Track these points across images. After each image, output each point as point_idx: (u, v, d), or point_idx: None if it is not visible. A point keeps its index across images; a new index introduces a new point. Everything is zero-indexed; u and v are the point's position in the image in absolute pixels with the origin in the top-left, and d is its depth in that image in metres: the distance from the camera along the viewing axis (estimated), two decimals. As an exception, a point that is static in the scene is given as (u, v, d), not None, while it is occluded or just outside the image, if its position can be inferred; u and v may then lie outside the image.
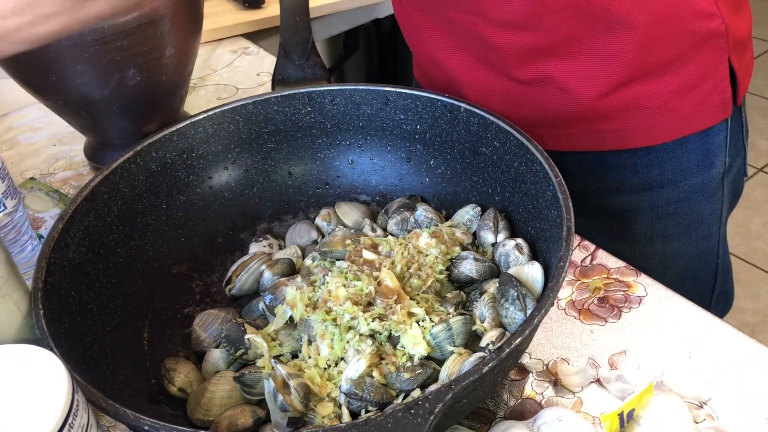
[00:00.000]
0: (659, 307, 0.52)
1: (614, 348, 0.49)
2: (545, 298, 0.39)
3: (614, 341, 0.50)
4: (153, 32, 0.61)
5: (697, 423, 0.43)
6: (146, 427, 0.36)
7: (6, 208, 0.50)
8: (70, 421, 0.34)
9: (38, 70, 0.61)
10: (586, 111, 0.62)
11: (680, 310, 0.51)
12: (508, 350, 0.37)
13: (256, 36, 0.95)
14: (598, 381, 0.47)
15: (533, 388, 0.47)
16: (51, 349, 0.40)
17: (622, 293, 0.53)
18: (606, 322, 0.51)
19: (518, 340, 0.37)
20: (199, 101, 0.81)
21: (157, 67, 0.64)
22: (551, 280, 0.40)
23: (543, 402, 0.46)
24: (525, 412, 0.46)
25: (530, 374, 0.48)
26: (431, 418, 0.34)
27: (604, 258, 0.57)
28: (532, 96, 0.63)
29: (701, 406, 0.45)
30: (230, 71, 0.87)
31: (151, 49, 0.62)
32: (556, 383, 0.47)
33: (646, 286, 0.54)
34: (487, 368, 0.36)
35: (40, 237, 0.60)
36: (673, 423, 0.41)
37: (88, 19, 0.46)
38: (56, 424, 0.33)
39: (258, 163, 0.61)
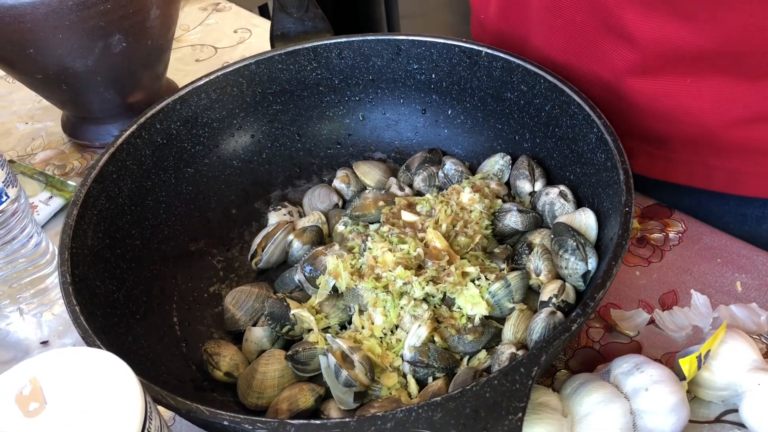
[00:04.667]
0: (700, 242, 0.51)
1: (662, 288, 0.49)
2: (618, 246, 0.38)
3: (661, 281, 0.49)
4: (136, -8, 0.56)
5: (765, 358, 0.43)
6: (225, 422, 0.33)
7: (9, 197, 0.46)
8: (147, 425, 0.31)
9: (13, 41, 0.55)
10: (701, 137, 0.51)
11: (722, 242, 0.51)
12: (593, 305, 0.35)
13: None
14: (653, 322, 0.47)
15: (589, 335, 0.47)
16: (98, 348, 0.37)
17: (661, 232, 0.53)
18: (649, 263, 0.51)
19: (601, 293, 0.36)
20: (176, 64, 0.76)
21: (142, 31, 0.59)
22: (619, 227, 0.39)
23: (600, 349, 0.46)
24: (585, 361, 0.45)
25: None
26: (529, 382, 0.33)
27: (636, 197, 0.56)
28: (644, 102, 0.51)
29: (762, 340, 0.45)
30: (204, 30, 0.82)
31: (136, 11, 0.57)
32: (611, 329, 0.47)
33: (683, 222, 0.53)
34: (576, 325, 0.35)
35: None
36: (742, 358, 0.40)
37: None
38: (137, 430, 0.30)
39: (265, 126, 0.58)
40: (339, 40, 0.56)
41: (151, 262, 0.50)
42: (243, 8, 0.84)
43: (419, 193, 0.54)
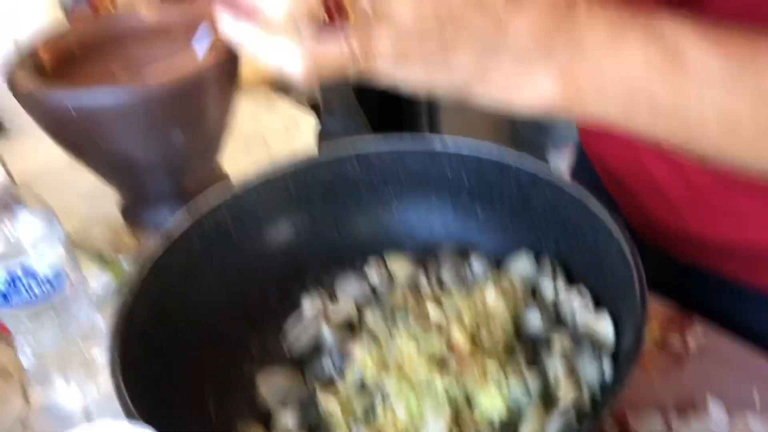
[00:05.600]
0: (720, 351, 0.53)
1: (680, 394, 0.50)
2: (632, 359, 0.40)
3: (679, 387, 0.51)
4: (198, 94, 0.62)
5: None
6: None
7: (68, 278, 0.50)
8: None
9: (86, 134, 0.61)
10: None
11: (742, 352, 0.52)
12: (606, 410, 0.38)
13: (280, 87, 0.96)
14: (669, 430, 0.48)
15: (605, 439, 0.48)
16: (138, 421, 0.40)
17: (681, 338, 0.54)
18: (668, 368, 0.52)
19: (614, 400, 0.38)
20: (229, 154, 0.81)
21: (199, 127, 0.65)
22: (632, 339, 0.41)
23: (616, 453, 0.47)
24: (600, 464, 0.47)
25: (600, 425, 0.49)
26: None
27: (655, 302, 0.58)
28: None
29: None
30: (256, 122, 0.88)
31: (196, 110, 0.63)
32: (627, 433, 0.48)
33: (704, 328, 0.55)
34: (589, 429, 0.37)
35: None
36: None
37: None
38: None
39: (306, 219, 0.62)
40: (378, 144, 0.61)
41: (192, 343, 0.53)
42: (294, 103, 0.90)
43: (446, 288, 0.57)
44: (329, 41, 0.34)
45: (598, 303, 0.51)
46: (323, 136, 0.64)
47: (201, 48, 0.66)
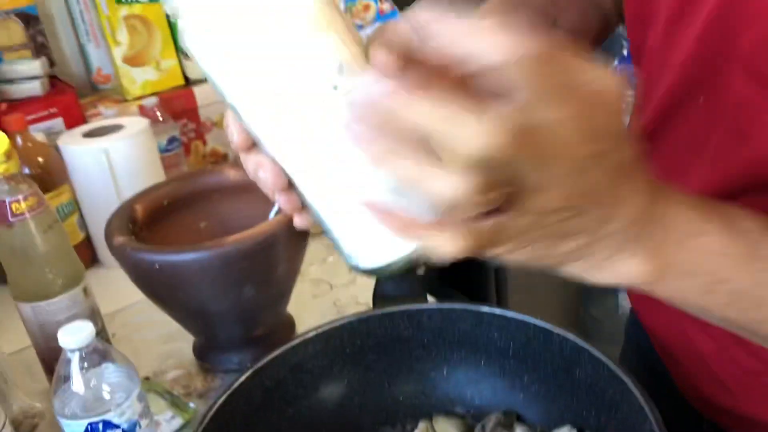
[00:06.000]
0: None
1: None
2: None
3: None
4: (269, 252, 0.69)
5: None
6: None
7: (141, 427, 0.55)
8: None
9: (168, 285, 0.68)
10: None
11: None
12: None
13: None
14: None
15: None
16: None
17: None
18: None
19: None
20: (297, 298, 0.87)
21: (269, 281, 0.71)
22: None
23: None
24: None
25: None
26: None
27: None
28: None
29: None
30: (323, 267, 0.94)
31: (266, 267, 0.69)
32: None
33: None
34: None
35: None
36: None
37: None
38: None
39: (359, 374, 0.66)
40: (430, 306, 0.65)
41: (246, 494, 0.57)
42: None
43: (490, 455, 0.59)
44: (475, 226, 0.34)
45: (637, 484, 0.51)
46: (379, 295, 0.68)
47: (274, 209, 0.73)
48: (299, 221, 0.42)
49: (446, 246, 0.33)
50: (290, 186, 0.38)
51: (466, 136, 0.29)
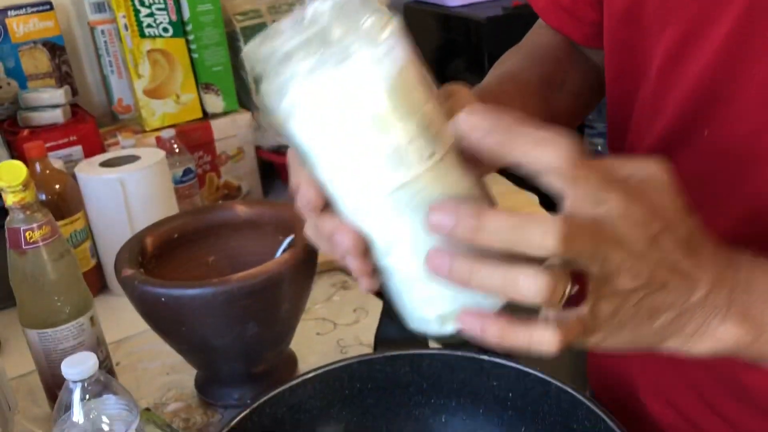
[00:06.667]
0: None
1: None
2: None
3: None
4: (273, 291, 0.69)
5: None
6: None
7: (136, 458, 0.56)
8: None
9: (172, 319, 0.69)
10: None
11: None
12: None
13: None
14: None
15: None
16: None
17: None
18: None
19: None
20: (300, 335, 0.88)
21: (273, 319, 0.71)
22: None
23: None
24: None
25: None
26: None
27: None
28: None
29: None
30: (328, 305, 0.95)
31: (270, 305, 0.70)
32: None
33: None
34: None
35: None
36: None
37: None
38: None
39: (357, 416, 0.66)
40: (431, 352, 0.65)
41: None
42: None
43: (485, 506, 0.58)
44: (563, 320, 0.36)
45: None
46: (381, 338, 0.69)
47: (282, 246, 0.74)
48: (368, 284, 0.43)
49: (543, 344, 0.36)
50: (366, 251, 0.41)
51: (538, 236, 0.33)
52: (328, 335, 0.89)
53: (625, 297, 0.36)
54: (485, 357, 0.64)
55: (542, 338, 0.36)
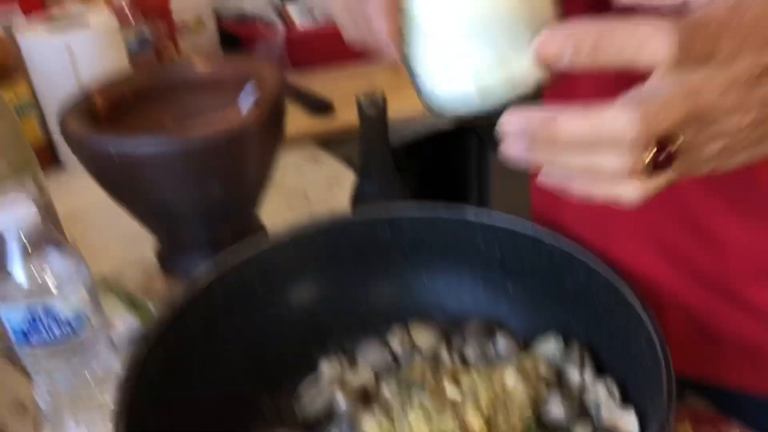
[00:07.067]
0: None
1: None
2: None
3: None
4: (237, 148, 0.63)
5: None
6: None
7: (89, 322, 0.50)
8: None
9: (124, 178, 0.62)
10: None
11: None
12: None
13: (326, 142, 0.97)
14: None
15: None
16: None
17: (715, 441, 0.51)
18: (699, 474, 0.49)
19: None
20: (269, 206, 0.82)
21: (238, 180, 0.65)
22: (655, 438, 0.38)
23: None
24: None
25: None
26: None
27: (691, 400, 0.54)
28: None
29: None
30: (300, 177, 0.89)
31: (234, 163, 0.64)
32: None
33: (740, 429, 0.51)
34: None
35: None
36: None
37: None
38: None
39: (333, 280, 0.61)
40: (411, 209, 0.60)
41: (204, 400, 0.52)
42: (338, 162, 0.91)
43: (468, 365, 0.55)
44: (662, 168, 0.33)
45: (625, 394, 0.48)
46: (358, 198, 0.63)
47: (246, 103, 0.67)
48: (393, 50, 0.39)
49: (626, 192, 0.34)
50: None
51: (652, 46, 0.31)
52: (299, 207, 0.83)
53: (736, 134, 0.33)
54: (470, 212, 0.59)
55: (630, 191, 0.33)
